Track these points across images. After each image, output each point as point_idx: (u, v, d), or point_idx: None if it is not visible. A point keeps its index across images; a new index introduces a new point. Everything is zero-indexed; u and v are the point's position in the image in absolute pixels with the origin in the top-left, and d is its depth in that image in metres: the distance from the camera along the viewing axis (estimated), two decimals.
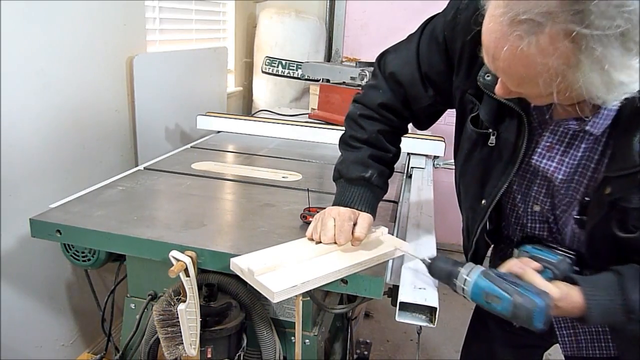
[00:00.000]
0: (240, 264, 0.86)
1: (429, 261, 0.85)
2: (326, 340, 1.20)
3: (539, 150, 0.82)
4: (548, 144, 0.81)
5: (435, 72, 0.93)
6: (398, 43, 1.01)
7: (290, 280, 0.82)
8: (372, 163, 0.99)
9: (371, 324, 2.35)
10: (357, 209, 0.95)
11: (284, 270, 0.85)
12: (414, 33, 0.97)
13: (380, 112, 1.01)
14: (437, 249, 1.07)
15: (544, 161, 0.82)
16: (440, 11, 0.92)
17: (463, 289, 0.80)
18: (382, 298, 0.92)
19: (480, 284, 0.78)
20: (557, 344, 1.01)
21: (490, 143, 0.85)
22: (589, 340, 0.94)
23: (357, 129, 1.02)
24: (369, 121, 1.02)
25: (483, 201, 0.90)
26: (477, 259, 1.00)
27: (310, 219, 1.01)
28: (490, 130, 0.84)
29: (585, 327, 0.94)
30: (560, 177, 0.81)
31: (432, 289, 0.89)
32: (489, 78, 0.79)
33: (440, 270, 0.84)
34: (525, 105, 0.79)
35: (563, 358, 1.03)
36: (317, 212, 0.98)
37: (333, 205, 0.98)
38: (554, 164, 0.81)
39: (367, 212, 0.96)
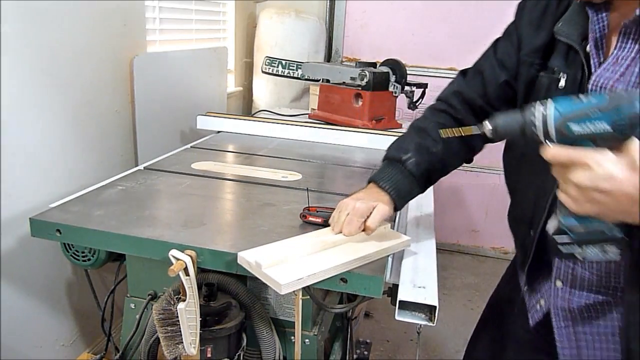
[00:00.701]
0: (248, 258, 0.87)
1: (489, 124, 0.71)
2: (326, 340, 1.21)
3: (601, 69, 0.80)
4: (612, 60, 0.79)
5: (508, 55, 0.96)
6: None
7: (297, 273, 0.84)
8: (414, 150, 0.99)
9: (371, 323, 2.35)
10: (381, 187, 0.96)
11: (291, 264, 0.87)
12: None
13: (450, 100, 1.03)
14: (437, 249, 1.07)
15: (606, 74, 0.79)
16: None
17: (544, 115, 0.65)
18: (381, 297, 0.92)
19: (562, 102, 0.64)
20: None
21: (560, 87, 0.84)
22: (590, 341, 0.90)
23: (421, 118, 1.05)
24: (434, 111, 1.04)
25: None
26: (543, 266, 0.93)
27: (310, 218, 1.02)
28: (561, 73, 0.84)
29: (585, 329, 0.89)
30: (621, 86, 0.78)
31: (431, 287, 0.89)
32: (560, 24, 0.84)
33: (508, 120, 0.69)
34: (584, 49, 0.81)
35: None
36: (317, 211, 0.99)
37: (367, 181, 1.00)
38: (617, 75, 0.78)
39: (389, 194, 0.96)
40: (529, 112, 0.66)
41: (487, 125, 0.71)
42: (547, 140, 0.66)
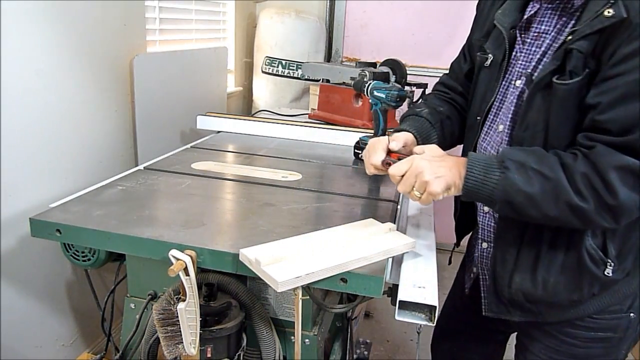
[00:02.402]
0: (249, 255, 0.88)
1: None
2: (326, 340, 1.21)
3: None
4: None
5: (468, 45, 1.15)
6: None
7: (295, 271, 0.84)
8: (425, 107, 1.15)
9: (371, 324, 2.35)
10: (403, 129, 1.09)
11: (290, 262, 0.87)
12: None
13: (436, 88, 1.25)
14: (437, 249, 1.07)
15: (526, 57, 0.95)
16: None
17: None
18: (381, 297, 0.92)
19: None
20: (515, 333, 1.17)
21: (486, 65, 1.02)
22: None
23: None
24: (429, 95, 1.25)
25: (477, 117, 1.04)
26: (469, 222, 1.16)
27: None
28: (489, 54, 1.02)
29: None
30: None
31: (431, 287, 0.89)
32: (499, 12, 0.99)
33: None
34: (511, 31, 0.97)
35: None
36: (399, 158, 0.97)
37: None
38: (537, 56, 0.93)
39: (411, 132, 1.08)
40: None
41: None
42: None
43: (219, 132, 1.97)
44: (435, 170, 0.87)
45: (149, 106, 1.87)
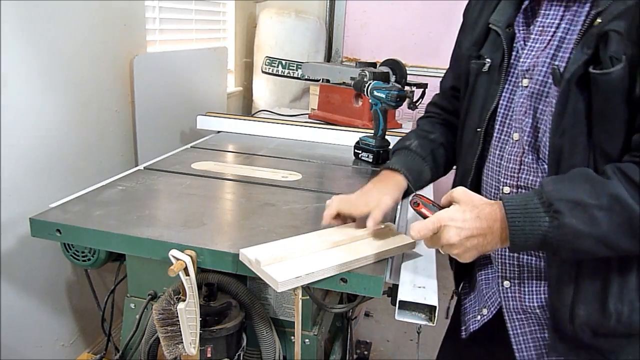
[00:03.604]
0: (249, 255, 0.88)
1: None
2: (326, 340, 1.21)
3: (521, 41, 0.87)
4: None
5: (454, 60, 1.06)
6: None
7: (295, 271, 0.84)
8: (415, 137, 1.07)
9: (371, 323, 2.35)
10: (391, 169, 1.01)
11: (290, 262, 0.87)
12: None
13: (428, 109, 1.16)
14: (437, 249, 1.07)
15: (532, 53, 0.84)
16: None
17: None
18: (381, 297, 0.92)
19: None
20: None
21: (484, 70, 0.91)
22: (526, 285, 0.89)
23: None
24: (422, 119, 1.16)
25: (477, 129, 0.93)
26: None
27: (422, 209, 0.87)
28: (487, 59, 0.91)
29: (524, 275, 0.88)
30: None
31: (431, 287, 0.89)
32: (493, 14, 0.91)
33: None
34: (509, 34, 0.88)
35: None
36: (432, 204, 0.87)
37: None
38: (543, 45, 0.83)
39: (400, 172, 1.00)
40: None
41: None
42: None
43: (219, 132, 1.97)
44: (465, 241, 0.76)
45: (149, 106, 1.87)
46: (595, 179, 0.70)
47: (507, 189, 0.87)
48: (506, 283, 0.90)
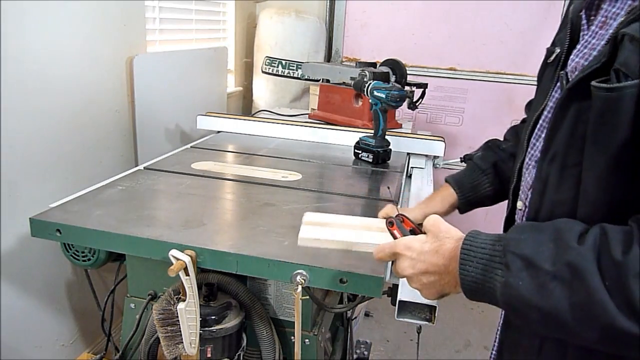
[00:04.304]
0: (306, 216, 0.98)
1: None
2: (326, 340, 1.21)
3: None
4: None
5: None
6: None
7: (320, 234, 0.92)
8: (483, 149, 1.04)
9: (371, 324, 2.35)
10: (446, 181, 1.02)
11: (324, 229, 0.94)
12: None
13: (506, 135, 1.07)
14: None
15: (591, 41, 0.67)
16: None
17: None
18: (381, 297, 0.92)
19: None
20: None
21: (549, 61, 0.76)
22: None
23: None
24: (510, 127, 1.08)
25: (526, 131, 0.79)
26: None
27: (395, 231, 0.80)
28: (556, 47, 0.76)
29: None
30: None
31: None
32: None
33: None
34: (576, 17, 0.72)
35: None
36: (411, 230, 0.79)
37: None
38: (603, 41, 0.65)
39: (450, 184, 1.00)
40: None
41: None
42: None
43: (219, 132, 1.97)
44: (421, 276, 0.66)
45: (149, 106, 1.87)
46: (569, 238, 0.53)
47: (520, 204, 0.78)
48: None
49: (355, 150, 1.64)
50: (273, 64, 2.51)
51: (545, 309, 0.52)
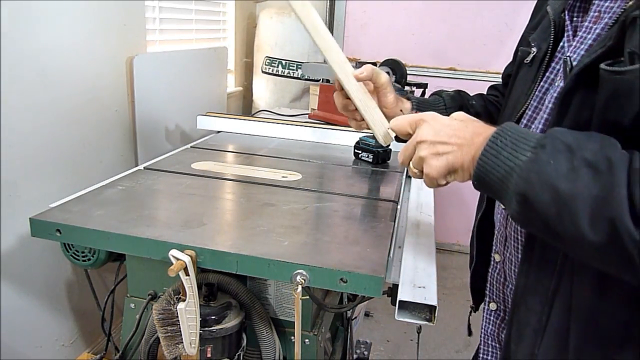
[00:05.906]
0: None
1: None
2: (326, 340, 1.21)
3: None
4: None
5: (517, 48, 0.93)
6: None
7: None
8: (454, 91, 1.03)
9: (371, 324, 2.35)
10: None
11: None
12: None
13: (488, 91, 1.09)
14: (437, 248, 1.07)
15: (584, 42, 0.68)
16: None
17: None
18: (381, 297, 0.92)
19: None
20: None
21: (526, 61, 0.79)
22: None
23: None
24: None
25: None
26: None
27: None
28: (533, 47, 0.79)
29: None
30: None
31: (431, 287, 0.89)
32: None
33: None
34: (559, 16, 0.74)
35: None
36: None
37: None
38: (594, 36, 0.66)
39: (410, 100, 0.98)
40: None
41: None
42: None
43: (219, 132, 1.97)
44: (437, 146, 0.64)
45: (149, 106, 1.87)
46: (612, 144, 0.54)
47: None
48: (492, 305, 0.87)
49: (355, 150, 1.64)
50: (273, 64, 2.51)
51: (563, 192, 0.52)
